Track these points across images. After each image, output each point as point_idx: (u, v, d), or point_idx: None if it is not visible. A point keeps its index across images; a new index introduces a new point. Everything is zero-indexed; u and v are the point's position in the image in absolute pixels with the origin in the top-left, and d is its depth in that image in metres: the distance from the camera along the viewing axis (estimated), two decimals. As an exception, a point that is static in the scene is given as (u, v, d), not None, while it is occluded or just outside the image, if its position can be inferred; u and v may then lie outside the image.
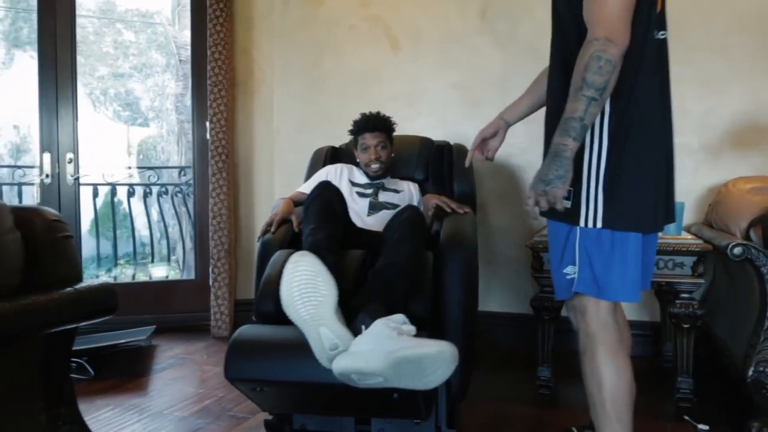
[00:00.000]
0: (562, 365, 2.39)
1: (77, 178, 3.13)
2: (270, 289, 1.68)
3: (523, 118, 1.83)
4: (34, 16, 3.06)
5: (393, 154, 2.42)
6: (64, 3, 3.05)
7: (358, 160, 2.42)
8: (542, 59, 2.84)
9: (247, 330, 1.57)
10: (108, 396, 2.36)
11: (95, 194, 3.39)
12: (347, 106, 3.23)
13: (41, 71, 3.05)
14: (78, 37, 3.12)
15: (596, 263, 1.41)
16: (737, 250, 1.94)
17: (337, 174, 2.39)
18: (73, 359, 2.62)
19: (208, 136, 3.14)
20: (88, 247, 3.94)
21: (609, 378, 1.44)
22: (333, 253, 1.62)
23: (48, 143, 3.08)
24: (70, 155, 3.11)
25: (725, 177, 2.57)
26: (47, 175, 3.07)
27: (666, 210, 1.47)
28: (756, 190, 2.35)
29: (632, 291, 1.42)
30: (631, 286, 1.42)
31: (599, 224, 1.39)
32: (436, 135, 2.95)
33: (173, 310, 3.29)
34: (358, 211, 2.30)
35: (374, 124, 2.35)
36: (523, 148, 2.96)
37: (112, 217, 3.65)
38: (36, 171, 3.14)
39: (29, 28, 4.83)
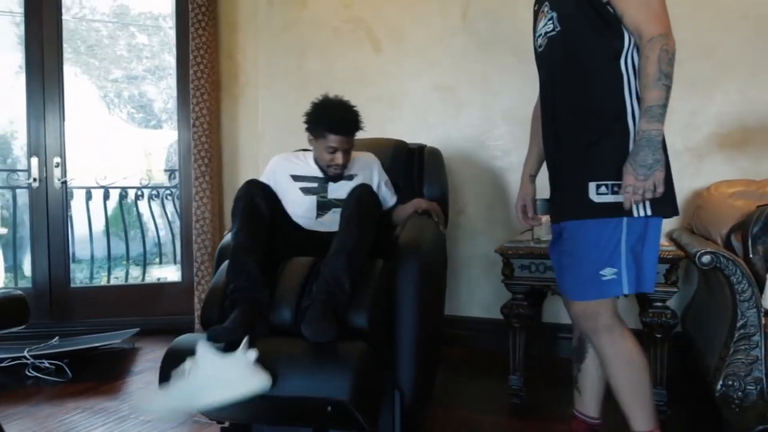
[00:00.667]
0: (535, 372, 2.34)
1: (65, 182, 3.17)
2: (215, 297, 1.67)
3: (543, 161, 1.78)
4: (71, 24, 3.08)
5: None
6: (51, 6, 3.09)
7: (314, 153, 2.18)
8: (525, 59, 2.82)
9: (182, 340, 1.56)
10: (80, 399, 2.38)
11: (88, 197, 3.41)
12: (330, 108, 3.21)
13: (28, 75, 3.10)
14: (92, 41, 3.15)
15: (642, 258, 1.47)
16: (706, 258, 1.85)
17: (275, 175, 2.21)
18: (53, 361, 2.66)
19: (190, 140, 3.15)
20: (83, 249, 3.96)
21: (640, 359, 1.51)
22: (255, 253, 1.62)
23: (35, 147, 3.13)
24: (57, 159, 3.15)
25: (711, 180, 2.48)
26: (35, 179, 3.11)
27: None
28: (738, 195, 2.26)
29: (655, 280, 1.51)
30: (655, 276, 1.51)
31: (648, 212, 1.43)
32: (418, 137, 2.91)
33: (160, 312, 3.31)
34: (305, 211, 2.12)
35: (350, 127, 2.09)
36: (506, 150, 2.91)
37: (106, 219, 3.69)
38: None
39: None
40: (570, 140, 1.53)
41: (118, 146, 5.68)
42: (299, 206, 2.12)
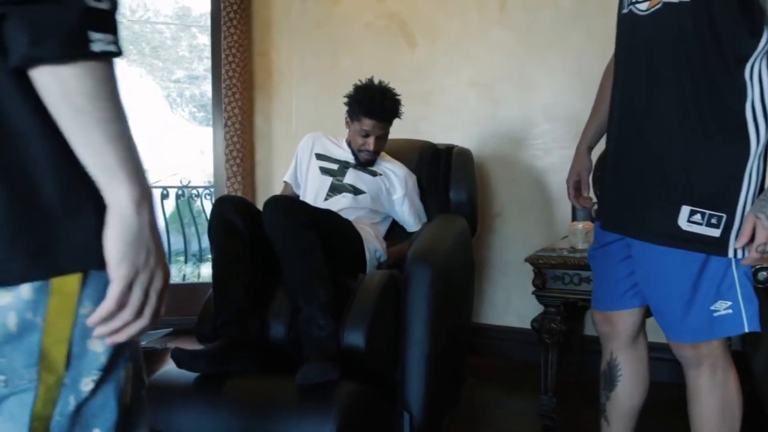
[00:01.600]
0: (572, 390, 2.16)
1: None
2: (210, 310, 1.60)
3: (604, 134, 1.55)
4: (136, 26, 3.14)
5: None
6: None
7: (348, 135, 2.16)
8: (567, 52, 2.62)
9: (161, 377, 1.49)
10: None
11: None
12: (363, 106, 3.11)
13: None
14: (156, 42, 3.19)
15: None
16: (762, 275, 1.64)
17: (306, 154, 2.18)
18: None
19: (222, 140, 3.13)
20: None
21: (739, 408, 1.35)
22: (239, 277, 1.55)
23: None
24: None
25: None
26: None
27: None
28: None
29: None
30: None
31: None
32: (452, 136, 2.77)
33: (195, 312, 3.30)
34: (316, 189, 2.08)
35: (386, 114, 2.04)
36: (546, 149, 2.72)
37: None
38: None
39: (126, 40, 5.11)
40: (667, 143, 1.26)
41: (179, 144, 5.82)
42: (312, 183, 2.08)
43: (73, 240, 0.65)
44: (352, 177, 2.10)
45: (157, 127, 3.80)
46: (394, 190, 2.13)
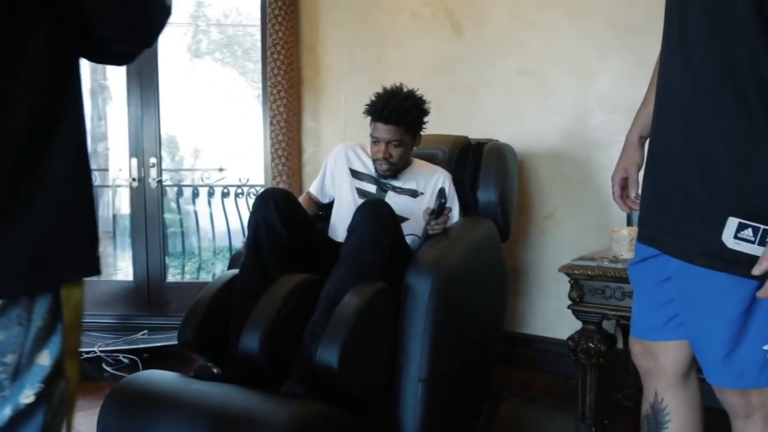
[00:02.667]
0: (619, 419, 1.90)
1: (160, 181, 3.30)
2: (193, 316, 1.54)
3: None
4: (212, 28, 3.25)
5: (415, 146, 1.99)
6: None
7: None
8: (624, 34, 2.31)
9: (134, 380, 1.44)
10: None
11: (179, 194, 3.52)
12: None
13: (128, 82, 3.26)
14: (248, 45, 3.24)
15: None
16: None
17: (336, 167, 2.04)
18: (128, 356, 2.77)
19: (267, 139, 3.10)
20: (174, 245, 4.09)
21: None
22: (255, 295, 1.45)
23: (135, 149, 3.29)
24: (153, 160, 3.28)
25: None
26: (134, 179, 3.28)
27: None
28: None
29: None
30: None
31: None
32: (499, 131, 2.55)
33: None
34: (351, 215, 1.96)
35: (389, 115, 1.85)
36: (603, 143, 2.43)
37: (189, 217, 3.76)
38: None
39: (207, 40, 5.32)
40: (713, 134, 1.02)
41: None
42: (349, 208, 1.91)
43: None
44: (392, 203, 1.88)
45: (251, 126, 3.93)
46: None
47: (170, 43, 4.09)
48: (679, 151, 1.08)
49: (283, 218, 1.59)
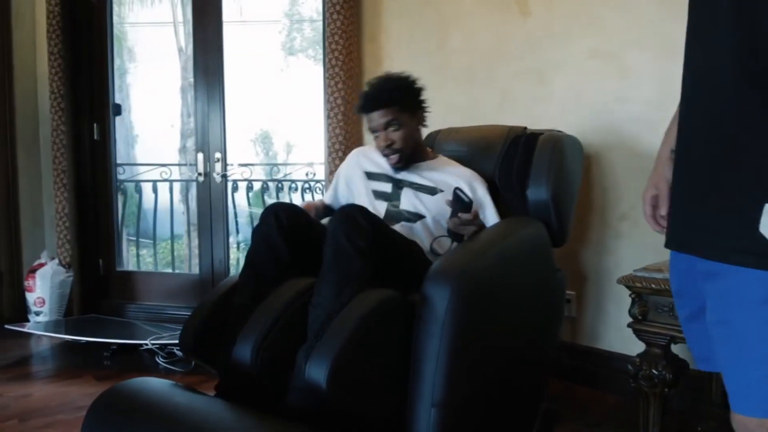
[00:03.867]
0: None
1: (224, 176, 3.31)
2: (194, 320, 1.45)
3: None
4: (305, 25, 3.28)
5: (419, 127, 1.86)
6: (213, 13, 3.22)
7: None
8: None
9: (123, 388, 1.37)
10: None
11: (234, 189, 3.52)
12: (471, 91, 2.75)
13: (195, 79, 3.29)
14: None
15: None
16: None
17: (350, 173, 1.93)
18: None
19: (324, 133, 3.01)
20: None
21: None
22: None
23: (202, 144, 3.32)
24: (218, 155, 3.30)
25: None
26: (200, 174, 3.32)
27: None
28: None
29: None
30: None
31: None
32: (572, 121, 2.29)
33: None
34: None
35: (376, 98, 1.77)
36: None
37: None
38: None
39: (301, 37, 5.44)
40: (743, 116, 0.87)
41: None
42: (373, 210, 1.79)
43: None
44: (409, 200, 1.80)
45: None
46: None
47: (265, 41, 4.15)
48: (705, 137, 0.92)
49: (288, 237, 1.48)
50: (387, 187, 1.84)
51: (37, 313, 3.19)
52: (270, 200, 3.82)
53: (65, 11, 3.22)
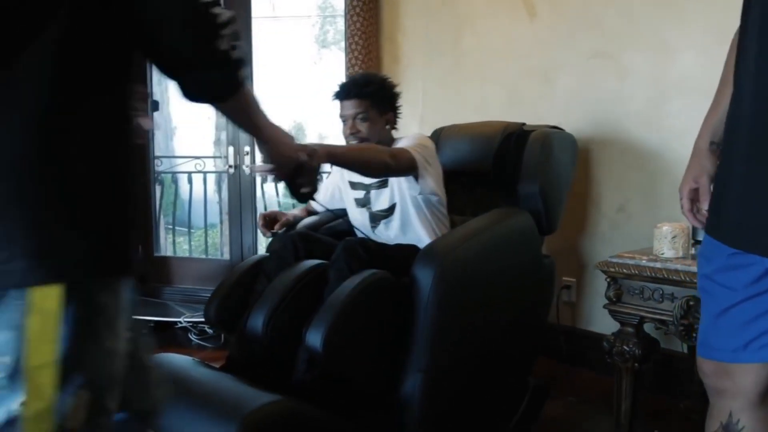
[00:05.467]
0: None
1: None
2: (218, 294, 1.66)
3: None
4: (338, 19, 3.47)
5: (388, 127, 1.99)
6: (242, 8, 3.41)
7: None
8: (709, 8, 2.07)
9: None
10: (215, 363, 2.65)
11: (264, 180, 3.74)
12: (482, 87, 2.90)
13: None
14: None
15: None
16: None
17: (342, 182, 2.04)
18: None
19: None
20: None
21: None
22: None
23: (232, 137, 3.55)
24: (247, 148, 3.53)
25: None
26: (230, 166, 3.55)
27: None
28: None
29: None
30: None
31: None
32: (574, 118, 2.42)
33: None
34: (362, 225, 1.98)
35: (350, 89, 1.90)
36: (681, 130, 2.20)
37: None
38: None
39: (334, 30, 5.63)
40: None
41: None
42: (357, 220, 2.00)
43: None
44: (375, 200, 1.93)
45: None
46: (406, 188, 1.88)
47: (297, 35, 4.33)
48: None
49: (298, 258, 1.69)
50: (361, 194, 1.97)
51: (84, 294, 3.49)
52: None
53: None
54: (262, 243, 3.90)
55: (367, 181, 1.92)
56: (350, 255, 1.52)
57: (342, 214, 2.08)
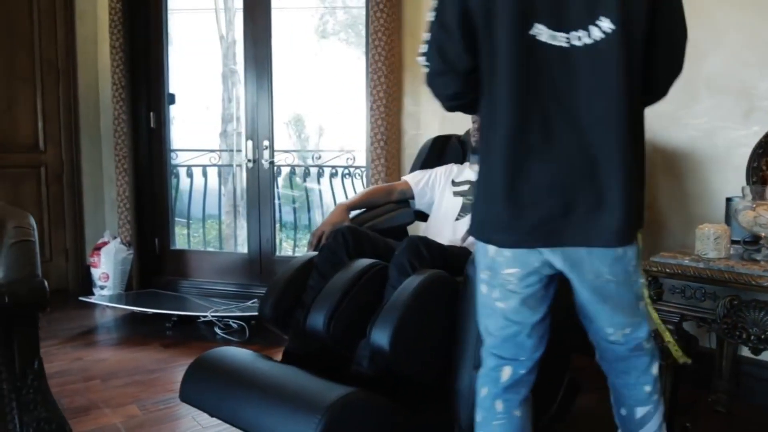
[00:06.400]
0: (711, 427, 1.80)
1: (272, 162, 3.56)
2: (273, 290, 1.69)
3: None
4: (337, 11, 3.45)
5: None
6: (262, 2, 3.41)
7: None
8: (739, 7, 2.12)
9: (213, 354, 1.61)
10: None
11: (278, 173, 3.76)
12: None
13: (245, 70, 3.52)
14: None
15: None
16: None
17: (444, 178, 2.24)
18: (238, 321, 3.05)
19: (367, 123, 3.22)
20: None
21: None
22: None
23: (251, 132, 3.56)
24: (266, 142, 3.54)
25: None
26: (249, 160, 3.56)
27: None
28: None
29: None
30: None
31: None
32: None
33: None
34: (448, 211, 2.10)
35: None
36: (709, 130, 2.26)
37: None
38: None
39: (333, 21, 5.62)
40: None
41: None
42: (445, 207, 2.12)
43: None
44: None
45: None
46: None
47: (298, 26, 4.31)
48: None
49: (351, 254, 1.75)
50: (465, 187, 2.14)
51: (102, 287, 3.50)
52: (312, 185, 4.05)
53: (126, 6, 3.47)
54: (279, 237, 3.92)
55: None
56: (413, 253, 1.57)
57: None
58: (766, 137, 1.93)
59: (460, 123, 3.12)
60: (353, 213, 2.16)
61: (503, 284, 1.25)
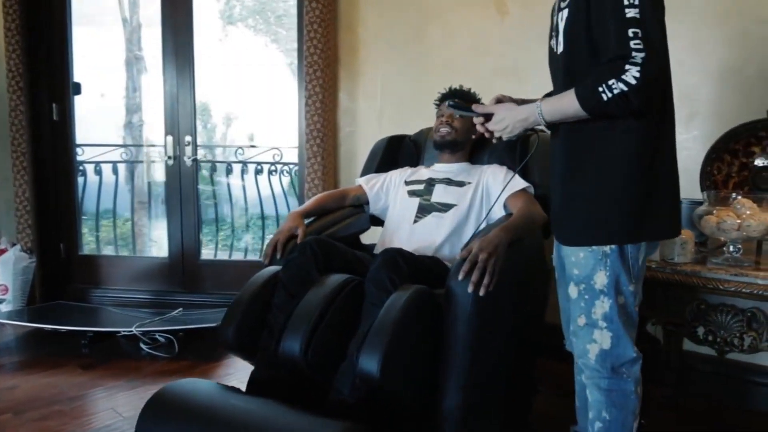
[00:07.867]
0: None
1: (195, 159, 3.30)
2: (234, 312, 1.53)
3: None
4: None
5: (474, 137, 2.10)
6: (185, -10, 3.15)
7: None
8: (684, 12, 2.18)
9: (173, 389, 1.43)
10: (175, 376, 2.44)
11: (213, 169, 3.52)
12: (450, 82, 2.86)
13: (164, 61, 3.23)
14: (280, 11, 3.10)
15: None
16: None
17: (399, 180, 2.15)
18: (165, 335, 2.80)
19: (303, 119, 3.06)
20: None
21: None
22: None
23: (171, 127, 3.28)
24: (188, 138, 3.28)
25: None
26: (169, 157, 3.28)
27: None
28: None
29: None
30: None
31: None
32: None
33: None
34: (405, 214, 2.01)
35: (456, 95, 2.15)
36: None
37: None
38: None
39: (240, 6, 5.29)
40: None
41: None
42: (400, 209, 2.04)
43: None
44: (439, 193, 2.00)
45: (283, 96, 3.90)
46: (488, 194, 1.99)
47: (203, 10, 4.04)
48: None
49: (321, 268, 1.64)
50: (420, 186, 2.05)
51: (0, 301, 3.09)
52: (235, 181, 3.80)
53: (22, -16, 3.07)
54: (205, 231, 3.65)
55: (441, 175, 2.05)
56: (391, 268, 1.46)
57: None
58: (719, 143, 2.00)
59: (399, 120, 3.05)
60: (306, 221, 2.02)
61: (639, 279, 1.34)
